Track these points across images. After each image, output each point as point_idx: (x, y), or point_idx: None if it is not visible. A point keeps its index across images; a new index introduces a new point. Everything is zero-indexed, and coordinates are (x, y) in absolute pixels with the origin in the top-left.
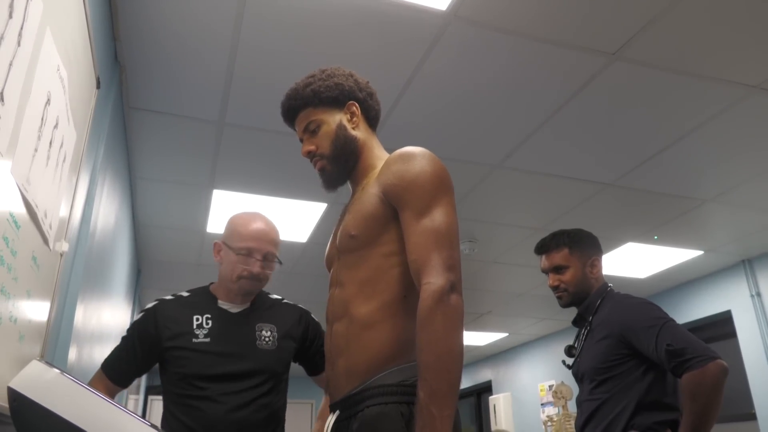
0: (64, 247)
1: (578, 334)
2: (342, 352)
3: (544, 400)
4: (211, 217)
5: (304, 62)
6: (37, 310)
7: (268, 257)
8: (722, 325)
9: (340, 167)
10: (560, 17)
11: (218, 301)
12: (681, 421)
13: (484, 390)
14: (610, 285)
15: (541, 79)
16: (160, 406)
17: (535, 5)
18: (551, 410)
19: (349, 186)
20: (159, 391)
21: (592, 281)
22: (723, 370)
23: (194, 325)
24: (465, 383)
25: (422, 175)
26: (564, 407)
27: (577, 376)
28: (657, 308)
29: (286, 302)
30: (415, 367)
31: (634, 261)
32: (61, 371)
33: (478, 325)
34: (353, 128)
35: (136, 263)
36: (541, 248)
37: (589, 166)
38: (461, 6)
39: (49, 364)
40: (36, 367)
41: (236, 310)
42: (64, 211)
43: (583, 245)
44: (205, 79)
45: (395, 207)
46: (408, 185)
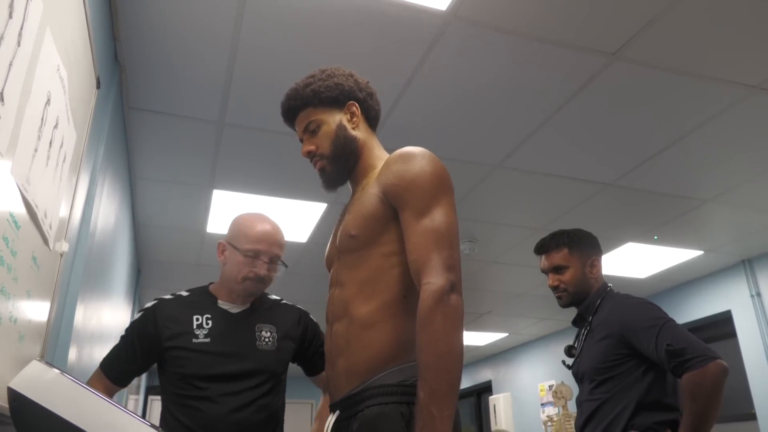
0: (64, 247)
1: (578, 334)
2: (342, 352)
3: (544, 400)
4: (211, 217)
5: (304, 62)
6: (37, 310)
7: (274, 260)
8: (722, 325)
9: (340, 167)
10: (560, 17)
11: (218, 301)
12: (681, 421)
13: (484, 390)
14: (609, 285)
15: (542, 79)
16: (160, 406)
17: (535, 5)
18: (551, 410)
19: (349, 186)
20: (159, 391)
21: (592, 281)
22: (723, 370)
23: (194, 325)
24: (465, 383)
25: (422, 175)
26: (564, 407)
27: (577, 376)
28: (657, 308)
29: (285, 303)
30: (415, 367)
31: (634, 261)
32: (61, 371)
33: (478, 325)
34: (353, 128)
35: (136, 263)
36: (541, 248)
37: (589, 166)
38: (461, 6)
39: (49, 365)
40: (36, 367)
41: (236, 310)
42: (64, 211)
43: (582, 245)
44: (205, 79)
45: (395, 207)
46: (408, 185)
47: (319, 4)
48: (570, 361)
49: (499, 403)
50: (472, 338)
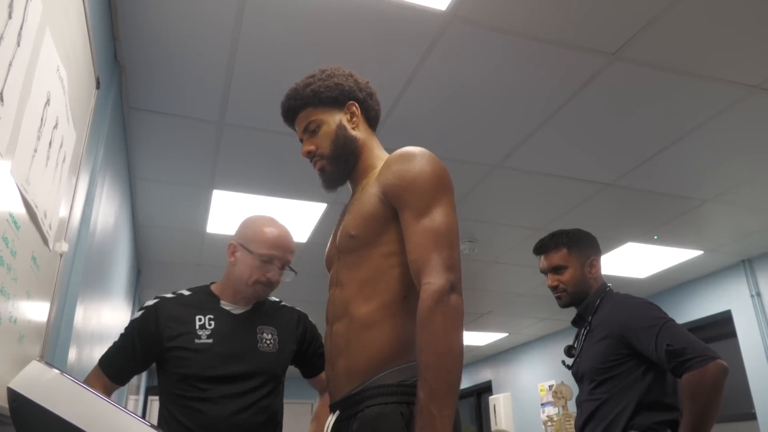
0: (63, 247)
1: (578, 334)
2: (342, 352)
3: (544, 400)
4: (211, 217)
5: (304, 63)
6: (36, 310)
7: (284, 266)
8: (722, 325)
9: (339, 167)
10: (560, 17)
11: (221, 301)
12: (681, 421)
13: (484, 390)
14: (609, 285)
15: (541, 78)
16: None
17: (535, 5)
18: (551, 410)
19: (349, 186)
20: (158, 391)
21: (591, 281)
22: (723, 370)
23: (197, 326)
24: (465, 383)
25: (422, 175)
26: (564, 407)
27: (576, 376)
28: (657, 308)
29: (285, 304)
30: (415, 367)
31: (634, 261)
32: (61, 371)
33: (478, 325)
34: (353, 128)
35: (136, 263)
36: (540, 248)
37: (588, 166)
38: (461, 6)
39: (49, 365)
40: (36, 367)
41: (239, 311)
42: (63, 211)
43: (581, 245)
44: (205, 79)
45: (395, 207)
46: (408, 185)
47: (319, 4)
48: (570, 361)
49: (499, 403)
50: (472, 338)
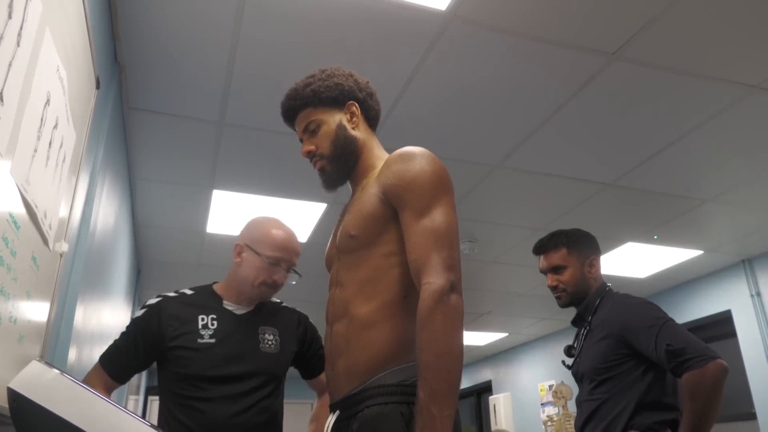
0: (63, 247)
1: (577, 334)
2: (342, 352)
3: (544, 400)
4: (211, 217)
5: (304, 62)
6: (36, 310)
7: (290, 268)
8: (722, 324)
9: (339, 167)
10: (560, 17)
11: (223, 301)
12: (681, 420)
13: (484, 390)
14: (609, 285)
15: (541, 78)
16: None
17: (535, 5)
18: (551, 410)
19: (349, 186)
20: (158, 391)
21: (591, 281)
22: (723, 370)
23: (199, 325)
24: (465, 383)
25: (422, 175)
26: (564, 407)
27: (576, 376)
28: (656, 308)
29: (285, 306)
30: (415, 367)
31: (634, 261)
32: (61, 371)
33: (478, 325)
34: (353, 128)
35: (136, 263)
36: (539, 248)
37: (588, 166)
38: (461, 5)
39: (49, 365)
40: (36, 367)
41: (241, 312)
42: (63, 211)
43: (581, 245)
44: (205, 79)
45: (395, 207)
46: (408, 185)
47: (319, 5)
48: (570, 361)
49: (499, 403)
50: (472, 338)
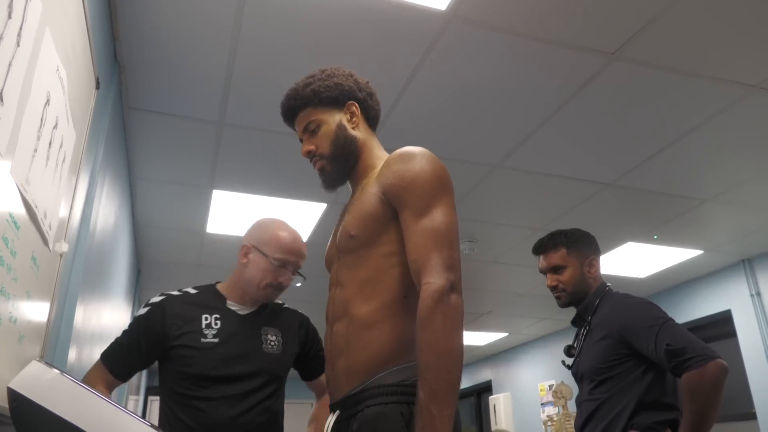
0: (63, 247)
1: (577, 334)
2: (342, 352)
3: (544, 400)
4: (211, 217)
5: (304, 62)
6: (36, 310)
7: (295, 271)
8: (722, 324)
9: (339, 167)
10: (560, 17)
11: (227, 301)
12: (681, 420)
13: (484, 390)
14: (608, 284)
15: (541, 78)
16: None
17: (535, 5)
18: (551, 410)
19: (348, 186)
20: (158, 391)
21: (591, 281)
22: (723, 370)
23: (203, 324)
24: (465, 383)
25: (422, 175)
26: (564, 407)
27: (576, 376)
28: (656, 308)
29: (287, 307)
30: (415, 367)
31: (634, 261)
32: (61, 372)
33: (478, 325)
34: (353, 128)
35: (135, 264)
36: (539, 248)
37: (588, 166)
38: (461, 5)
39: (49, 365)
40: (36, 367)
41: (244, 312)
42: (63, 211)
43: (580, 245)
44: (204, 79)
45: (395, 207)
46: (408, 185)
47: (319, 4)
48: (569, 361)
49: (499, 403)
50: (472, 338)
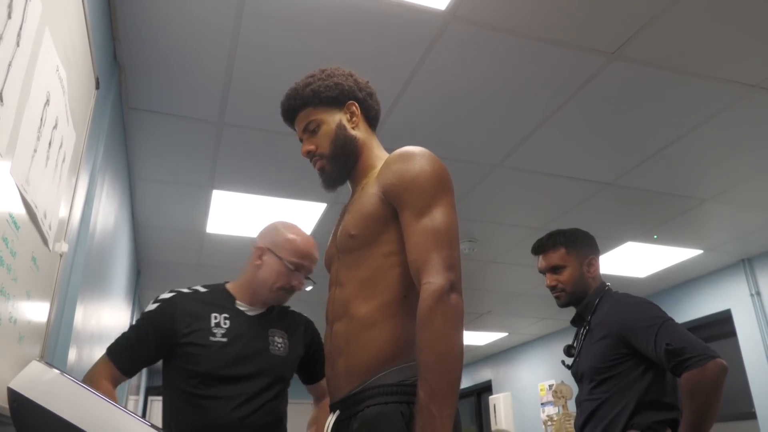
0: (63, 247)
1: (577, 334)
2: (342, 352)
3: (544, 400)
4: (211, 217)
5: (304, 62)
6: (36, 310)
7: (307, 275)
8: (722, 324)
9: (339, 167)
10: (559, 16)
11: (236, 301)
12: (681, 420)
13: (484, 390)
14: (608, 284)
15: (541, 78)
16: (160, 406)
17: (535, 5)
18: (551, 410)
19: (348, 186)
20: (159, 392)
21: (590, 281)
22: (722, 369)
23: (212, 323)
24: (465, 383)
25: (422, 175)
26: (564, 407)
27: (576, 375)
28: (656, 307)
29: (293, 310)
30: (415, 367)
31: (634, 260)
32: (61, 372)
33: (478, 325)
34: (353, 128)
35: (135, 264)
36: (538, 248)
37: (588, 166)
38: (460, 5)
39: (49, 365)
40: (36, 367)
41: (253, 313)
42: (63, 211)
43: (579, 245)
44: (204, 79)
45: (395, 207)
46: (408, 185)
47: (318, 4)
48: (569, 360)
49: (499, 402)
50: (472, 338)
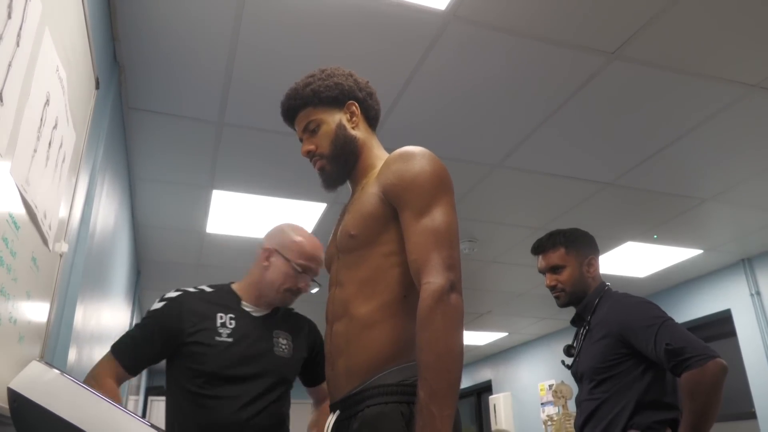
0: (63, 247)
1: (577, 334)
2: (342, 352)
3: (544, 400)
4: (211, 217)
5: (303, 62)
6: (36, 310)
7: (313, 277)
8: (722, 324)
9: (339, 167)
10: (559, 16)
11: (242, 302)
12: (681, 420)
13: (484, 390)
14: (607, 284)
15: (541, 78)
16: (160, 406)
17: (535, 4)
18: (551, 410)
19: (348, 186)
20: (159, 392)
21: (590, 280)
22: (722, 369)
23: (218, 323)
24: (465, 383)
25: (422, 175)
26: (564, 406)
27: (576, 375)
28: (656, 307)
29: (296, 312)
30: (415, 367)
31: (634, 260)
32: (61, 372)
33: (478, 325)
34: (353, 128)
35: (135, 264)
36: (538, 248)
37: (588, 166)
38: (460, 5)
39: (49, 365)
40: (36, 367)
41: (258, 314)
42: (63, 211)
43: (579, 245)
44: (204, 79)
45: (395, 206)
46: (408, 185)
47: (318, 4)
48: (569, 360)
49: (499, 402)
50: (472, 338)
